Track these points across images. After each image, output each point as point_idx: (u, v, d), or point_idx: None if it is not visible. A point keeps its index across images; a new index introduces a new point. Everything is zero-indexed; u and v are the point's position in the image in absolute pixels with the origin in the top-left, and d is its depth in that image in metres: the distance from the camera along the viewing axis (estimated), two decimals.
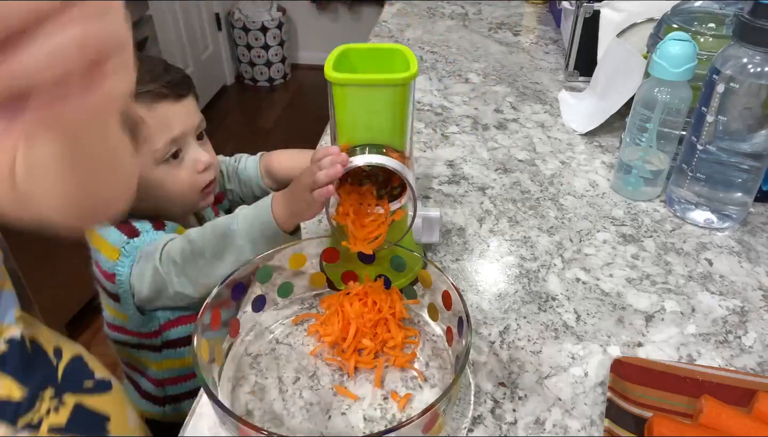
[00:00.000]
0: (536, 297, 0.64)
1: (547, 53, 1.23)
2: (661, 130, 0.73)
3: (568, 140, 0.93)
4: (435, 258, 0.69)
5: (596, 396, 0.54)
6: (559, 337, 0.60)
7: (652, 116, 0.73)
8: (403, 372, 0.56)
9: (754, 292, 0.65)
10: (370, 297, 0.58)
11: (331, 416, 0.52)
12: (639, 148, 0.76)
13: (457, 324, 0.54)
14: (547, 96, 1.06)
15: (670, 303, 0.64)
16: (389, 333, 0.58)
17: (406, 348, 0.58)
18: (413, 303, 0.62)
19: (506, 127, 0.97)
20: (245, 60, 3.22)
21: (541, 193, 0.81)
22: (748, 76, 0.64)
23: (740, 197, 0.73)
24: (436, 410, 0.44)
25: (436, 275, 0.57)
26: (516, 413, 0.52)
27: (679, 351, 0.59)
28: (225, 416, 0.44)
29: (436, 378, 0.55)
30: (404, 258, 0.61)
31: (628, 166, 0.78)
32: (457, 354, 0.53)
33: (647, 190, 0.78)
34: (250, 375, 0.56)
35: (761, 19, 0.62)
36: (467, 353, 0.48)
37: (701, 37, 0.75)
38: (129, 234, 0.74)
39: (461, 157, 0.89)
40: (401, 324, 0.59)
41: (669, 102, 0.71)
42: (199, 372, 0.47)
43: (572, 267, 0.68)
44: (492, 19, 1.41)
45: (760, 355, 0.58)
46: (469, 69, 1.16)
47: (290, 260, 0.61)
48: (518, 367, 0.56)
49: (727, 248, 0.72)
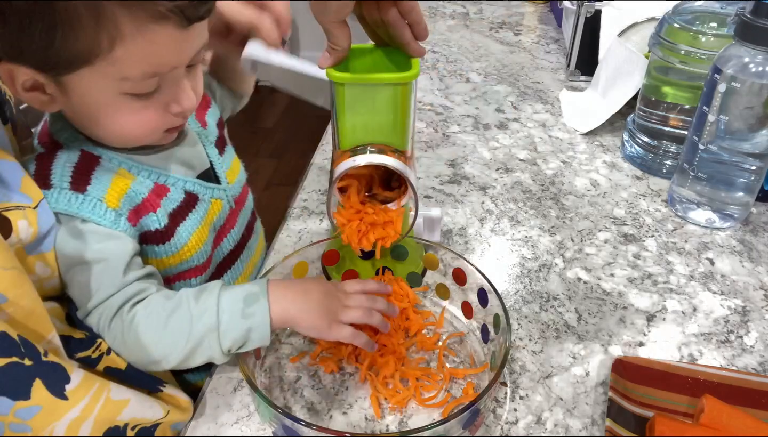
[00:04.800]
0: (537, 296, 0.64)
1: (548, 53, 1.23)
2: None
3: (570, 140, 0.93)
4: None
5: (597, 396, 0.54)
6: (560, 337, 0.60)
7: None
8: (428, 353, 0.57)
9: (755, 292, 0.65)
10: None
11: (332, 416, 0.52)
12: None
13: (478, 295, 0.57)
14: (549, 95, 1.06)
15: (671, 302, 0.64)
16: (408, 321, 0.59)
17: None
18: (421, 289, 0.63)
19: (507, 127, 0.97)
20: None
21: (543, 193, 0.81)
22: (749, 76, 0.64)
23: (742, 197, 0.72)
24: (478, 407, 0.46)
25: (442, 253, 0.60)
26: (517, 412, 0.52)
27: (680, 351, 0.58)
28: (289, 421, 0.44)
29: (463, 354, 0.58)
30: (405, 247, 0.62)
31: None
32: (494, 351, 0.54)
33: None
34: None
35: (763, 19, 0.62)
36: (507, 353, 0.50)
37: (702, 36, 0.75)
38: (40, 184, 0.51)
39: (462, 157, 0.89)
40: (416, 310, 0.60)
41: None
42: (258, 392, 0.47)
43: (573, 267, 0.68)
44: (493, 18, 1.41)
45: (762, 355, 0.58)
46: (470, 68, 1.16)
47: (294, 270, 0.61)
48: (519, 367, 0.56)
49: (729, 248, 0.72)
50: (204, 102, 0.68)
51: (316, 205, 0.79)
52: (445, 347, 0.58)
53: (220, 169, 0.64)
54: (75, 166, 0.53)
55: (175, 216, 0.57)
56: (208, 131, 0.66)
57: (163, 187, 0.57)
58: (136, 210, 0.54)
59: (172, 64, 0.50)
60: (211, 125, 0.67)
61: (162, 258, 0.57)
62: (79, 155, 0.54)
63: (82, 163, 0.53)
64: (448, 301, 0.62)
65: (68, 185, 0.51)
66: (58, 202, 0.51)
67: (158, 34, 0.46)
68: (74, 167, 0.53)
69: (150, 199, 0.55)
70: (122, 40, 0.45)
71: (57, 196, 0.51)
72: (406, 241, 0.61)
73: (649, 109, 0.83)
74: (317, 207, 0.78)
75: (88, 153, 0.54)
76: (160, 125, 0.54)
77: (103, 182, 0.53)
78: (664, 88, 0.81)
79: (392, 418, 0.52)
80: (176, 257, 0.58)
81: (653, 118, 0.83)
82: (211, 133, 0.66)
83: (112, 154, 0.55)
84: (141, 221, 0.54)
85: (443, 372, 0.55)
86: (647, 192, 0.81)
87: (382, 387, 0.54)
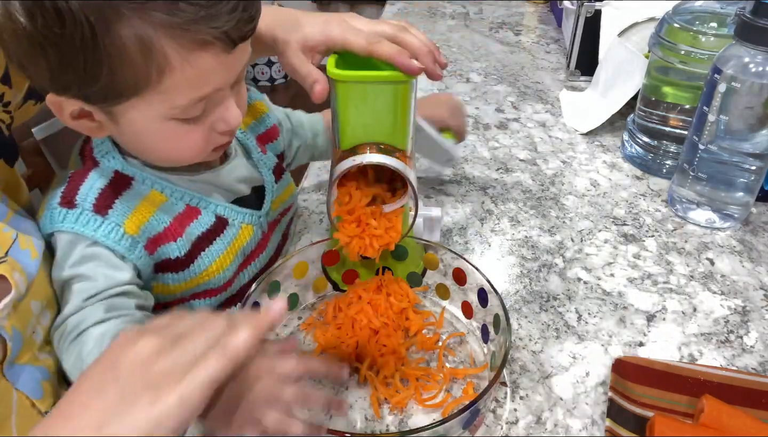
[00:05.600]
0: (537, 296, 0.64)
1: (548, 53, 1.23)
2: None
3: (570, 140, 0.93)
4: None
5: (597, 396, 0.54)
6: (560, 337, 0.60)
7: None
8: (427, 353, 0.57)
9: (755, 292, 0.65)
10: (384, 291, 0.60)
11: (332, 415, 0.52)
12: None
13: (478, 295, 0.57)
14: (549, 95, 1.06)
15: (671, 302, 0.64)
16: (408, 321, 0.59)
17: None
18: (421, 289, 0.63)
19: (507, 127, 0.97)
20: None
21: (543, 193, 0.81)
22: (749, 76, 0.64)
23: (742, 197, 0.72)
24: (478, 407, 0.46)
25: (442, 254, 0.60)
26: (517, 412, 0.52)
27: (680, 351, 0.58)
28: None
29: (463, 354, 0.58)
30: (405, 247, 0.62)
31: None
32: (494, 351, 0.54)
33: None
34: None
35: (763, 19, 0.62)
36: (506, 353, 0.50)
37: (702, 36, 0.75)
38: (65, 203, 0.52)
39: (462, 157, 0.89)
40: (416, 309, 0.60)
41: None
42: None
43: (573, 267, 0.68)
44: (493, 18, 1.41)
45: (762, 355, 0.58)
46: (470, 68, 1.16)
47: (294, 270, 0.61)
48: (520, 367, 0.56)
49: (729, 248, 0.72)
50: (268, 134, 0.69)
51: (316, 205, 0.79)
52: (445, 347, 0.58)
53: (269, 195, 0.65)
54: (103, 189, 0.53)
55: (200, 242, 0.57)
56: (266, 157, 0.67)
57: (195, 209, 0.57)
58: (155, 239, 0.54)
59: (219, 86, 0.49)
60: (270, 154, 0.68)
61: (176, 285, 0.58)
62: (111, 177, 0.54)
63: (111, 186, 0.53)
64: (448, 301, 0.62)
65: (91, 207, 0.51)
66: (77, 222, 0.50)
67: (205, 60, 0.46)
68: (101, 190, 0.53)
69: (172, 227, 0.55)
70: (171, 70, 0.45)
71: (78, 216, 0.51)
72: (406, 241, 0.61)
73: (649, 109, 0.83)
74: (317, 207, 0.78)
75: (121, 175, 0.54)
76: (208, 146, 0.53)
77: (127, 207, 0.53)
78: (664, 88, 0.81)
79: (392, 418, 0.52)
80: (192, 282, 0.58)
81: (653, 118, 0.83)
82: (269, 159, 0.67)
83: (147, 174, 0.55)
84: (159, 250, 0.54)
85: (443, 372, 0.55)
86: (647, 192, 0.81)
87: (382, 387, 0.54)
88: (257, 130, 0.68)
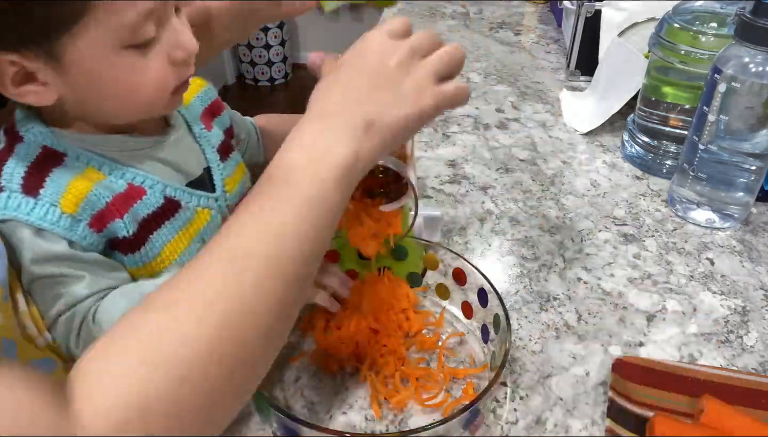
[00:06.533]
0: (537, 296, 0.64)
1: (548, 53, 1.23)
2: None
3: (570, 140, 0.93)
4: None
5: (597, 396, 0.54)
6: (560, 337, 0.60)
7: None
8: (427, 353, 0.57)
9: (755, 292, 0.65)
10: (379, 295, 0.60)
11: (332, 416, 0.52)
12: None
13: (478, 295, 0.57)
14: (549, 95, 1.06)
15: (671, 302, 0.64)
16: (408, 321, 0.59)
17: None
18: (421, 289, 0.63)
19: (507, 127, 0.97)
20: (246, 60, 3.22)
21: (543, 193, 0.81)
22: (749, 76, 0.64)
23: (742, 197, 0.72)
24: (478, 407, 0.46)
25: (442, 254, 0.60)
26: (517, 413, 0.52)
27: (680, 351, 0.58)
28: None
29: (463, 354, 0.58)
30: (405, 247, 0.62)
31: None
32: (494, 351, 0.54)
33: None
34: None
35: (763, 19, 0.62)
36: (506, 353, 0.50)
37: (702, 36, 0.75)
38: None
39: (462, 157, 0.89)
40: (416, 310, 0.60)
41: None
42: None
43: (573, 267, 0.68)
44: (493, 18, 1.41)
45: (762, 355, 0.58)
46: (470, 68, 1.16)
47: None
48: (519, 367, 0.56)
49: (729, 248, 0.72)
50: (212, 108, 0.65)
51: None
52: (445, 347, 0.58)
53: (218, 176, 0.60)
54: (29, 166, 0.47)
55: (147, 223, 0.52)
56: (210, 134, 0.62)
57: (139, 188, 0.52)
58: (99, 215, 0.49)
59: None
60: (216, 130, 0.63)
61: (131, 269, 0.52)
62: (39, 152, 0.48)
63: (39, 163, 0.48)
64: (448, 301, 0.62)
65: (19, 188, 0.46)
66: (6, 207, 0.46)
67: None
68: (28, 167, 0.47)
69: (115, 203, 0.50)
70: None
71: (6, 200, 0.46)
72: (406, 241, 0.61)
73: (649, 109, 0.83)
74: None
75: (50, 150, 0.49)
76: (169, 79, 0.49)
77: (60, 184, 0.47)
78: (664, 88, 0.81)
79: (392, 418, 0.52)
80: (148, 269, 0.53)
81: (653, 118, 0.83)
82: (214, 136, 0.62)
83: (81, 150, 0.50)
84: (108, 227, 0.49)
85: (443, 372, 0.55)
86: (647, 192, 0.81)
87: (382, 387, 0.54)
88: (198, 106, 0.64)
